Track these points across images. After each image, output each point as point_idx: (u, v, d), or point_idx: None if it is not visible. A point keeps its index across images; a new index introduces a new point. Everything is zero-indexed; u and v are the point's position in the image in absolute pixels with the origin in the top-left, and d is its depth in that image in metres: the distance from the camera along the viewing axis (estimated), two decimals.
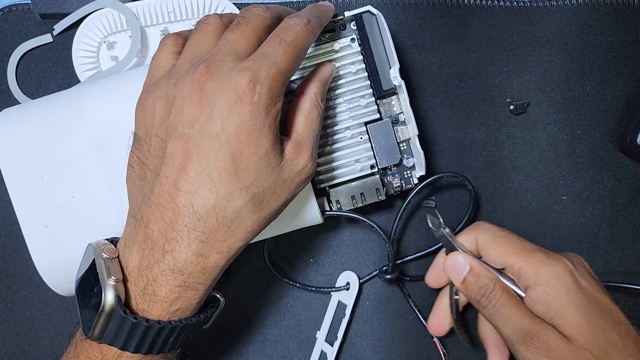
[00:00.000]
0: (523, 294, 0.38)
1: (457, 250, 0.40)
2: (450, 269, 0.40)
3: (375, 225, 0.43)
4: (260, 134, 0.32)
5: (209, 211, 0.32)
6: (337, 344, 0.47)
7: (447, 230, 0.41)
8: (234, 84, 0.31)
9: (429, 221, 0.41)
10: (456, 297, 0.43)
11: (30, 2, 0.49)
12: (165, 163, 0.32)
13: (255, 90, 0.31)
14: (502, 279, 0.38)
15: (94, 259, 0.33)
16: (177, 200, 0.32)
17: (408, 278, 0.48)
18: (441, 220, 0.41)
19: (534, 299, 0.37)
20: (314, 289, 0.48)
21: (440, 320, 0.44)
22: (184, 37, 0.37)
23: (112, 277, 0.32)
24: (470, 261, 0.39)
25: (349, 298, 0.47)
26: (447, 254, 0.41)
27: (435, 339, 0.46)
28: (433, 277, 0.44)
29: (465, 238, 0.41)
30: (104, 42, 0.47)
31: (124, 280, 0.33)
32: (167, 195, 0.32)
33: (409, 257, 0.47)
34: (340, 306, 0.48)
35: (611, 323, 0.36)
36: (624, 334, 0.35)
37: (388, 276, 0.45)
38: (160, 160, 0.33)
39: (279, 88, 0.33)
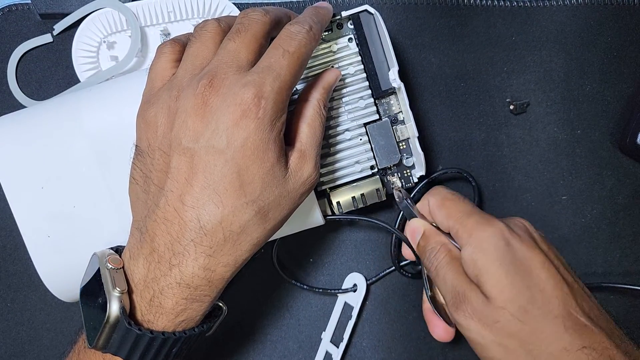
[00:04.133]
0: None
1: (416, 217, 0.42)
2: (409, 234, 0.42)
3: (384, 224, 0.43)
4: (266, 148, 0.32)
5: (215, 226, 0.32)
6: (342, 345, 0.47)
7: (409, 200, 0.42)
8: (239, 98, 0.31)
9: (395, 195, 0.43)
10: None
11: (30, 2, 0.49)
12: (170, 177, 0.32)
13: (261, 105, 0.31)
14: (451, 241, 0.39)
15: (98, 269, 0.33)
16: (183, 215, 0.32)
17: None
18: (404, 192, 0.43)
19: (464, 259, 0.37)
20: (321, 290, 0.48)
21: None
22: (181, 44, 0.36)
23: (117, 289, 0.32)
24: (424, 226, 0.41)
25: (356, 300, 0.47)
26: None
27: None
28: (407, 250, 0.44)
29: (422, 203, 0.42)
30: (104, 42, 0.47)
31: (129, 292, 0.33)
32: (173, 209, 0.32)
33: None
34: (346, 307, 0.48)
35: (534, 282, 0.36)
36: (552, 292, 0.35)
37: (419, 267, 0.45)
38: (164, 175, 0.33)
39: (284, 101, 0.33)
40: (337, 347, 0.47)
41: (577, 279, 0.38)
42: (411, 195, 0.44)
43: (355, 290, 0.47)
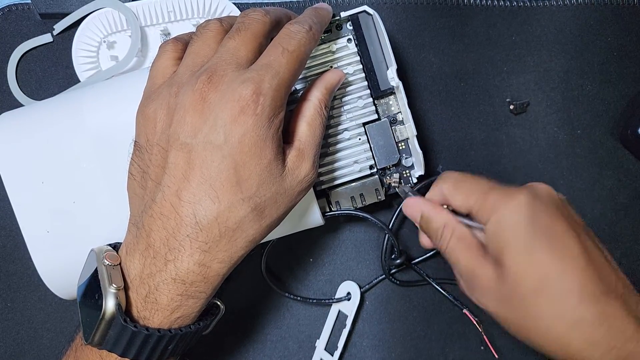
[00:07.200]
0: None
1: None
2: (407, 213, 0.40)
3: (371, 218, 0.43)
4: (264, 145, 0.32)
5: (211, 221, 0.32)
6: (337, 353, 0.47)
7: (409, 189, 0.41)
8: (237, 95, 0.31)
9: (397, 191, 0.42)
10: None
11: (30, 1, 0.49)
12: (167, 173, 0.32)
13: (259, 102, 0.31)
14: (467, 221, 0.37)
15: (96, 265, 0.33)
16: (180, 210, 0.32)
17: (418, 259, 0.48)
18: (404, 184, 0.43)
19: (487, 233, 0.35)
20: (314, 301, 0.48)
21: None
22: (183, 42, 0.37)
23: (113, 285, 0.32)
24: (421, 207, 0.38)
25: (350, 309, 0.47)
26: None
27: (465, 310, 0.42)
28: (424, 237, 0.41)
29: (433, 191, 0.40)
30: (104, 41, 0.47)
31: (125, 288, 0.33)
32: (169, 204, 0.32)
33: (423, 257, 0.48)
34: (341, 316, 0.48)
35: (557, 252, 0.33)
36: (570, 263, 0.33)
37: (398, 261, 0.45)
38: (161, 170, 0.33)
39: (282, 98, 0.33)
40: (332, 355, 0.47)
41: (596, 241, 0.36)
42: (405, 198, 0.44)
43: (349, 299, 0.47)
